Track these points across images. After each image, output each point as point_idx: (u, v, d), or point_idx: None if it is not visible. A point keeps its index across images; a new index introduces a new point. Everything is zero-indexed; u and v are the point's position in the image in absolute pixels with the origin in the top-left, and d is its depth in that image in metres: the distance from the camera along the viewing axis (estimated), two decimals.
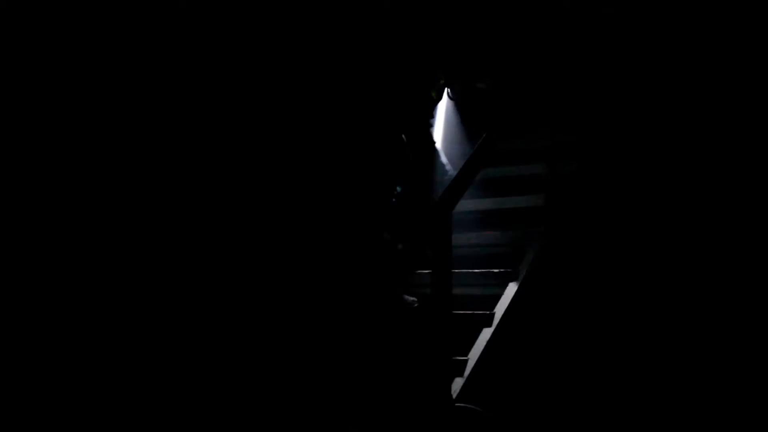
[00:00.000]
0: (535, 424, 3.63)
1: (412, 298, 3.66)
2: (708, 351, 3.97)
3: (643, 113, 4.42)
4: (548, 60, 4.04)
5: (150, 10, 2.84)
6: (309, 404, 2.90)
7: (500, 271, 3.79)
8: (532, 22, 4.23)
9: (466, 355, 3.39)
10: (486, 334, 3.45)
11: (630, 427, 3.93)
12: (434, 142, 4.12)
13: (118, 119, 2.79)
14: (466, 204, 4.49)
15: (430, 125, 4.11)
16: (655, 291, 4.13)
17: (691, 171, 4.25)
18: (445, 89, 3.87)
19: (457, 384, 3.27)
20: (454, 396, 3.17)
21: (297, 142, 3.13)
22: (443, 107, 4.30)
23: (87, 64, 2.74)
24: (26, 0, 2.59)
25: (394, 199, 3.63)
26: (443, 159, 4.41)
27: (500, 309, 3.53)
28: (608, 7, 4.49)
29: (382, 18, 3.36)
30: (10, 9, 2.56)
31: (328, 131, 3.17)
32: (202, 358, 2.88)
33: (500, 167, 4.68)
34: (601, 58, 4.48)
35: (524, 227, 4.11)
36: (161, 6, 2.85)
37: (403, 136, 3.55)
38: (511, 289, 3.61)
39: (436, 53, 3.64)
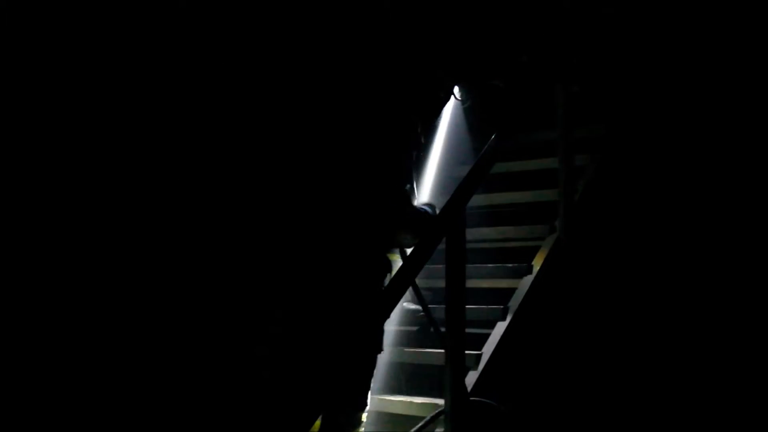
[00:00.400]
0: (549, 418, 3.63)
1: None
2: (730, 347, 3.96)
3: (657, 109, 4.42)
4: (553, 56, 4.01)
5: (150, 10, 2.83)
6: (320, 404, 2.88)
7: (514, 266, 3.80)
8: (535, 21, 4.23)
9: (480, 349, 3.40)
10: (500, 328, 3.46)
11: (645, 422, 3.93)
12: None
13: (117, 119, 2.78)
14: (478, 199, 4.50)
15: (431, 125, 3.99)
16: (672, 285, 4.12)
17: (701, 166, 4.25)
18: (455, 89, 3.82)
19: (471, 378, 3.28)
20: (468, 390, 3.17)
21: (293, 144, 3.11)
22: (447, 108, 4.27)
23: (87, 63, 2.72)
24: (26, 0, 2.58)
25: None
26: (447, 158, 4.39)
27: (514, 303, 3.53)
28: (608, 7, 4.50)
29: (381, 18, 3.34)
30: (10, 9, 2.55)
31: (325, 132, 3.14)
32: (201, 357, 2.86)
33: (512, 162, 4.68)
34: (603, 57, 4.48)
35: (537, 222, 4.11)
36: (161, 6, 2.84)
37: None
38: (525, 283, 3.62)
39: (440, 53, 3.61)
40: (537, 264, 3.69)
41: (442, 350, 3.07)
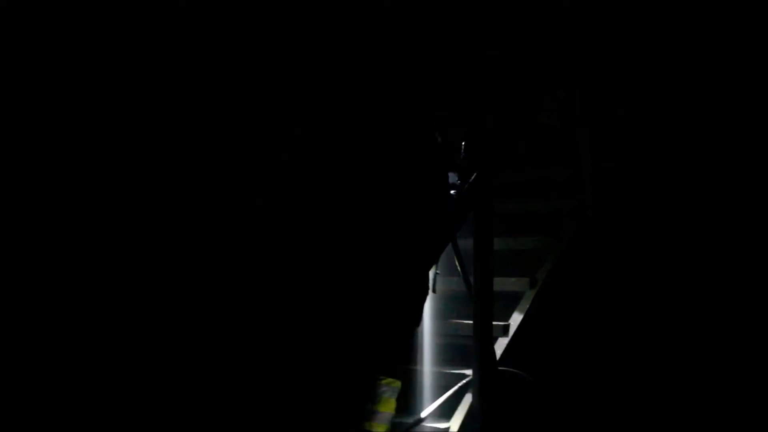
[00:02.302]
0: (575, 388, 3.68)
1: None
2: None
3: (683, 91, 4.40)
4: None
5: (150, 10, 2.82)
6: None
7: (541, 238, 3.85)
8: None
9: (508, 320, 3.47)
10: (527, 299, 3.52)
11: (670, 392, 3.95)
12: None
13: (118, 119, 2.78)
14: (507, 175, 4.54)
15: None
16: (696, 261, 4.13)
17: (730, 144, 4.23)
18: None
19: (499, 348, 3.35)
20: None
21: (296, 144, 3.14)
22: None
23: (87, 63, 2.72)
24: (26, 0, 2.59)
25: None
26: None
27: (542, 275, 3.60)
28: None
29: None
30: (10, 9, 2.57)
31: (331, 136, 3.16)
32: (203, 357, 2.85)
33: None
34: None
35: (564, 197, 4.15)
36: (161, 6, 2.83)
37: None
38: (552, 255, 3.68)
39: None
40: (564, 237, 3.75)
41: (471, 321, 3.15)
